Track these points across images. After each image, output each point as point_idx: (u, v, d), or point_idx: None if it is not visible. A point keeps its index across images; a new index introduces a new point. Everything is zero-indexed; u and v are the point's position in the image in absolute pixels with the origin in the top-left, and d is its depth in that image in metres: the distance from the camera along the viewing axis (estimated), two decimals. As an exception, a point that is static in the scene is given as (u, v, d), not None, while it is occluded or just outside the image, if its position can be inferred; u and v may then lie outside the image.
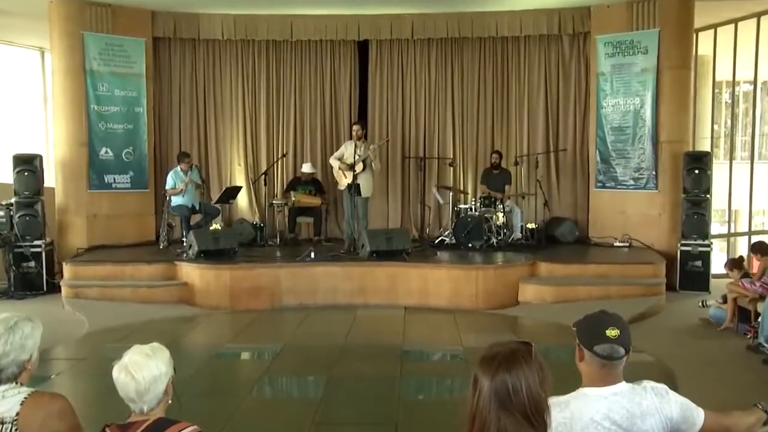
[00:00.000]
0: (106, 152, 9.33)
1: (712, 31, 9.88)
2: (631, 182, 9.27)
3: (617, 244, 9.14)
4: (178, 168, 9.11)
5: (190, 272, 7.91)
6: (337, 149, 9.32)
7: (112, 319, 6.94)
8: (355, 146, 8.65)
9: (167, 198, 9.07)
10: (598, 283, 7.71)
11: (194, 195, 9.12)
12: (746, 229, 10.88)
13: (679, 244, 8.62)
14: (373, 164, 8.86)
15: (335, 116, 10.56)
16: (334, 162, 8.98)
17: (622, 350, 2.11)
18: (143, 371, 2.06)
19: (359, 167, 8.63)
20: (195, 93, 10.38)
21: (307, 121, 10.50)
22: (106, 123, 9.33)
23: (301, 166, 10.02)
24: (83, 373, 5.56)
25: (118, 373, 2.07)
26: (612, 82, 9.36)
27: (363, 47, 10.47)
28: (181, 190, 8.93)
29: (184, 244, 8.47)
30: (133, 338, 5.90)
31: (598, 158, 9.59)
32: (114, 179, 9.41)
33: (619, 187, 9.40)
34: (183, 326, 7.14)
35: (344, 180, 8.75)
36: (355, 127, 8.89)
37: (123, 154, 9.46)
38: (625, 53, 9.19)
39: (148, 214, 9.74)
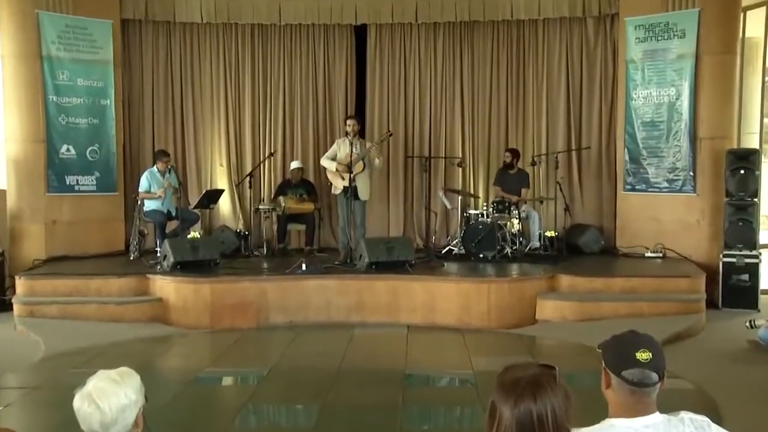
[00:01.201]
0: (68, 150, 9.31)
1: (763, 8, 9.70)
2: (665, 184, 9.27)
3: (649, 254, 9.12)
4: (155, 168, 9.11)
5: (165, 286, 7.89)
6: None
7: (74, 341, 6.90)
8: (352, 144, 8.64)
9: (139, 202, 9.06)
10: (627, 299, 7.69)
11: (170, 199, 9.12)
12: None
13: (721, 255, 8.58)
14: (376, 160, 8.87)
15: (329, 110, 10.57)
16: (328, 163, 8.95)
17: (654, 376, 2.09)
18: (110, 400, 2.05)
19: (358, 167, 8.63)
20: (170, 83, 10.39)
21: (297, 117, 10.51)
22: (68, 116, 9.31)
23: (290, 166, 10.06)
24: (38, 404, 5.51)
25: (80, 403, 2.05)
26: (643, 70, 9.36)
27: (361, 33, 10.49)
28: (160, 196, 8.92)
29: (158, 254, 8.46)
30: (98, 362, 5.92)
31: (627, 157, 9.59)
32: (77, 181, 9.39)
33: (650, 189, 9.39)
34: (156, 348, 7.12)
35: (341, 182, 8.74)
36: (350, 122, 8.87)
37: (87, 153, 9.45)
38: (659, 37, 9.19)
39: (116, 221, 9.73)
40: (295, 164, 9.95)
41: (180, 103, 10.43)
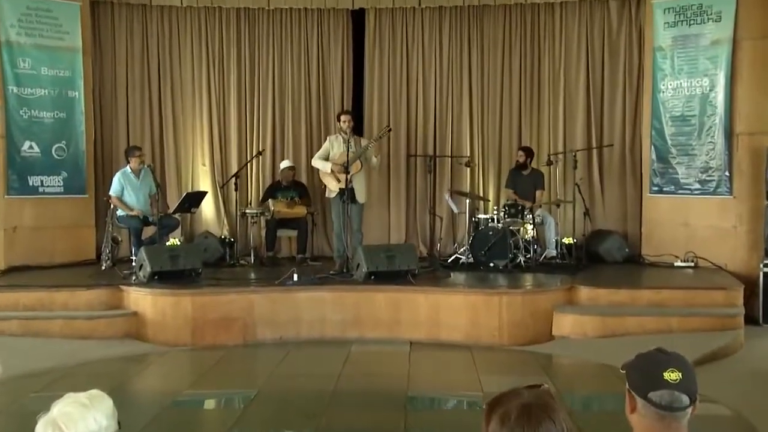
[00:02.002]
0: (31, 147, 9.31)
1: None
2: (697, 186, 9.26)
3: (679, 264, 9.12)
4: (128, 168, 9.10)
5: (141, 299, 7.88)
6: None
7: (37, 361, 6.84)
8: (348, 142, 8.64)
9: (112, 205, 9.06)
10: (655, 314, 7.67)
11: (147, 203, 9.12)
12: None
13: (761, 265, 8.52)
14: (374, 159, 8.88)
15: (323, 104, 10.59)
16: (321, 163, 8.92)
17: (685, 398, 2.08)
18: (77, 426, 2.03)
19: (356, 167, 8.63)
20: (147, 74, 10.40)
21: (288, 111, 10.52)
22: (30, 110, 9.31)
23: (280, 165, 10.06)
24: (-4, 432, 5.51)
25: (44, 430, 2.04)
26: (673, 59, 9.36)
27: (358, 18, 10.51)
28: (136, 215, 8.93)
29: (134, 263, 8.45)
30: (65, 384, 5.89)
31: (654, 156, 9.59)
32: (41, 182, 9.39)
33: (681, 192, 9.39)
34: (131, 368, 7.11)
35: (336, 184, 8.74)
36: (344, 118, 8.88)
37: (53, 150, 9.45)
38: (691, 21, 9.19)
39: (86, 226, 9.74)
40: (285, 163, 9.96)
41: (158, 95, 10.43)
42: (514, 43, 10.44)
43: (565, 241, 9.41)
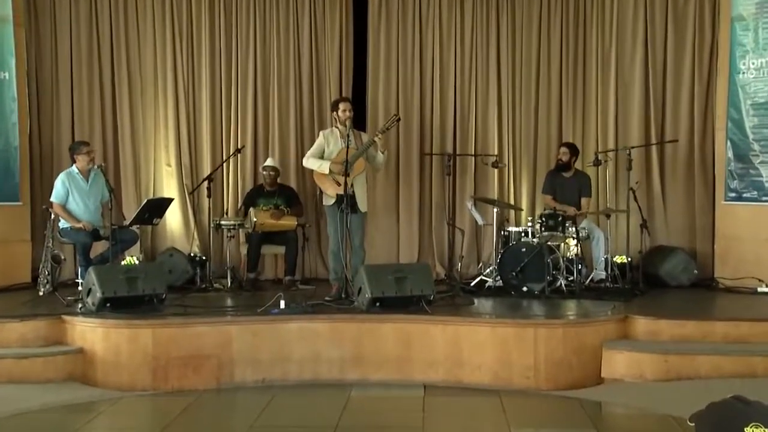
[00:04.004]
0: (-54, 143, 9.38)
1: None
2: (787, 192, 9.27)
3: (763, 289, 9.10)
4: (74, 168, 9.12)
5: (89, 333, 7.85)
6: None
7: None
8: (348, 137, 8.59)
9: (53, 215, 9.04)
10: (733, 352, 7.60)
11: (97, 212, 9.10)
12: None
13: None
14: (379, 154, 8.82)
15: (317, 94, 10.68)
16: (315, 163, 8.85)
17: (773, 460, 2.03)
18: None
19: (358, 167, 8.59)
20: (97, 53, 10.47)
21: (273, 102, 10.61)
22: (-55, 95, 9.40)
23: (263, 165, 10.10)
24: None
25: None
26: (756, 30, 9.36)
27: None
28: (83, 227, 8.94)
29: (80, 288, 8.45)
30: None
31: (731, 154, 9.58)
32: (-38, 187, 9.45)
33: (765, 199, 9.39)
34: (75, 418, 7.04)
35: (336, 189, 8.68)
36: (343, 106, 8.80)
37: (-25, 147, 9.50)
38: (781, -18, 9.22)
39: (19, 242, 9.78)
40: (268, 162, 9.94)
41: (111, 80, 10.50)
42: (553, 17, 10.49)
43: (617, 260, 9.43)
